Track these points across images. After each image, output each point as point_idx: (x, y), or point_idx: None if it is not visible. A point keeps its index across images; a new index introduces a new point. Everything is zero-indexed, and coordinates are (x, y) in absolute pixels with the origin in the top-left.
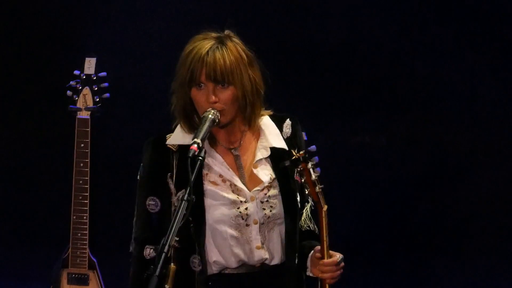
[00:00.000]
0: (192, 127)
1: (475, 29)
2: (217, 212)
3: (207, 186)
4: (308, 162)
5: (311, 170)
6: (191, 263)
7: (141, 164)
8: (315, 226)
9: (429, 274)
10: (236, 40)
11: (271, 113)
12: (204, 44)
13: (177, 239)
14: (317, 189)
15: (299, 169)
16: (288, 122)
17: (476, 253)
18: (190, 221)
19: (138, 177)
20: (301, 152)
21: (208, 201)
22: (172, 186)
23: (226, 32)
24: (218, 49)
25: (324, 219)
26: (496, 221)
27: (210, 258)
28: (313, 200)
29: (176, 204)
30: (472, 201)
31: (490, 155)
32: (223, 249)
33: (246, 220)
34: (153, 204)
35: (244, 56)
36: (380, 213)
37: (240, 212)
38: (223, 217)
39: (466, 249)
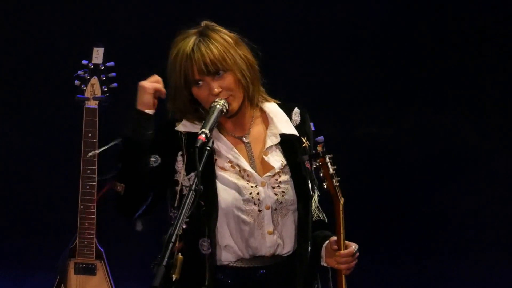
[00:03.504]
0: (200, 118)
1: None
2: (229, 197)
3: (217, 172)
4: (326, 156)
5: (329, 164)
6: (200, 245)
7: None
8: (324, 216)
9: (435, 266)
10: (216, 27)
11: (279, 102)
12: (187, 42)
13: (187, 220)
14: (334, 182)
15: (317, 163)
16: (296, 110)
17: (482, 246)
18: (202, 205)
19: None
20: (319, 148)
21: (220, 186)
22: (181, 165)
23: (203, 23)
24: (201, 42)
25: (341, 212)
26: (504, 214)
27: (222, 243)
28: (330, 194)
29: (184, 185)
30: (479, 193)
31: (497, 147)
32: (235, 233)
33: (258, 206)
34: (153, 160)
35: (229, 39)
36: (385, 204)
37: (252, 197)
38: (235, 202)
39: (473, 241)
